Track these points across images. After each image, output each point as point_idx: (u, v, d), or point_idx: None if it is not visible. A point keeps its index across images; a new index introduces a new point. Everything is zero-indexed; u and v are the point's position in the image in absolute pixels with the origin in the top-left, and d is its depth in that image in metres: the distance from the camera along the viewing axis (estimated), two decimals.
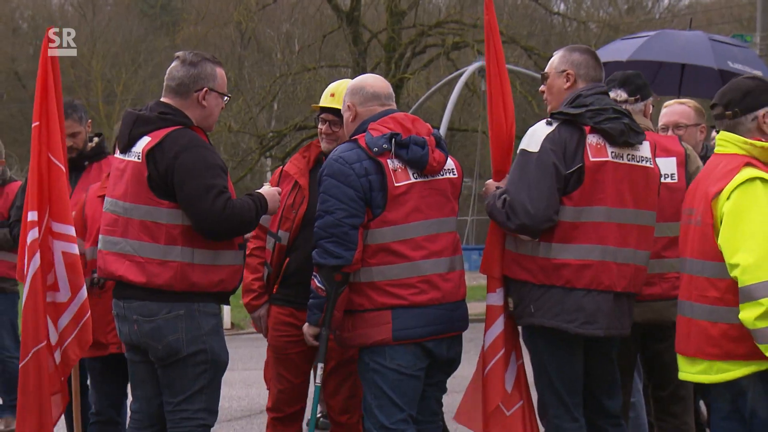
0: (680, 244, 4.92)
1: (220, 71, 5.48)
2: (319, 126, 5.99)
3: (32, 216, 6.00)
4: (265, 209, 5.41)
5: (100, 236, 5.43)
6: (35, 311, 5.95)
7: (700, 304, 4.63)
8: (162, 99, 5.40)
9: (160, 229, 5.14)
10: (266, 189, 5.56)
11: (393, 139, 5.14)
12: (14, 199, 7.71)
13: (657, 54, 10.36)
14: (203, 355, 5.25)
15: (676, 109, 6.06)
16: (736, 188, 4.51)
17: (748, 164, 4.59)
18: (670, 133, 6.02)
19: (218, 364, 5.38)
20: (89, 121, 7.22)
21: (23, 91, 36.88)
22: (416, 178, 5.21)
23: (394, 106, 5.49)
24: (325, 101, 5.98)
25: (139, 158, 5.16)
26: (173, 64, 5.46)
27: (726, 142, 4.75)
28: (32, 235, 5.95)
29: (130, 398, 5.82)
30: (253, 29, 33.33)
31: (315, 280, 5.18)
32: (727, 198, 4.51)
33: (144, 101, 33.75)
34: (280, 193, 5.66)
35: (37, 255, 5.92)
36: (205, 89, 5.35)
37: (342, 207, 5.06)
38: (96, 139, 7.20)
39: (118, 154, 5.42)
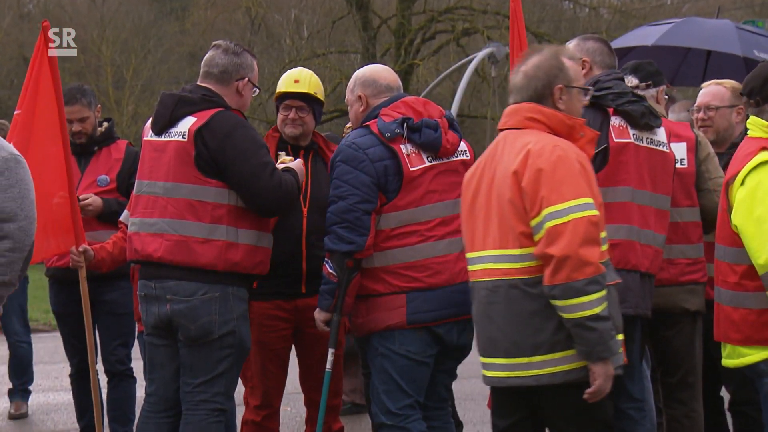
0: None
1: (255, 64, 5.57)
2: (283, 113, 5.94)
3: None
4: (300, 183, 5.46)
5: (137, 219, 5.40)
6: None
7: (724, 290, 4.65)
8: (201, 82, 5.44)
9: (205, 208, 5.20)
10: (296, 163, 5.57)
11: (405, 124, 5.14)
12: None
13: (683, 40, 10.36)
14: (231, 338, 5.29)
15: (710, 90, 5.99)
16: (749, 173, 4.53)
17: (764, 148, 4.58)
18: (701, 114, 5.95)
19: (243, 349, 5.42)
20: (98, 106, 7.18)
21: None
22: (431, 162, 5.23)
23: (403, 91, 5.53)
24: (291, 87, 5.95)
25: (184, 137, 5.21)
26: (213, 52, 5.53)
27: (753, 126, 4.74)
28: None
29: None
30: (263, 15, 33.44)
31: (327, 266, 5.18)
32: (741, 183, 4.55)
33: (154, 87, 34.26)
34: (307, 165, 5.70)
35: None
36: (246, 79, 5.48)
37: (355, 192, 5.05)
38: (105, 124, 7.13)
39: (151, 136, 5.41)
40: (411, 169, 5.14)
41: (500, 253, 4.37)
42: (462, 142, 5.37)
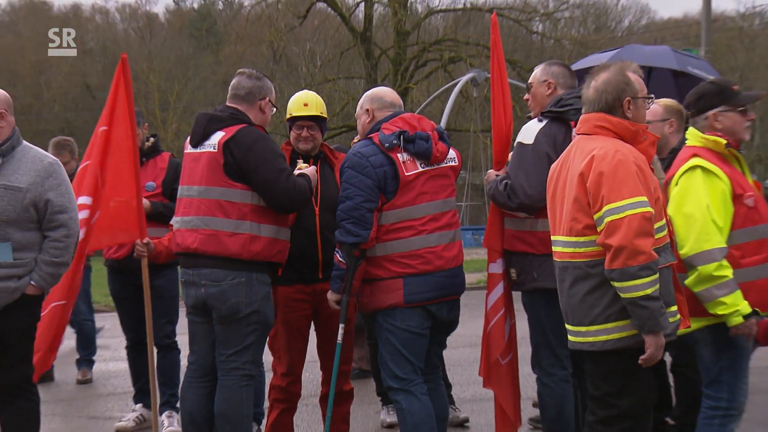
0: None
1: (272, 89, 5.66)
2: (296, 131, 5.91)
3: (85, 200, 6.24)
4: (312, 186, 5.51)
5: (178, 218, 5.48)
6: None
7: (679, 273, 4.61)
8: (229, 103, 5.49)
9: (232, 207, 5.25)
10: (310, 169, 5.62)
11: (401, 136, 5.16)
12: None
13: (627, 59, 10.45)
14: (256, 316, 5.31)
15: (653, 108, 5.97)
16: (682, 175, 4.71)
17: (695, 155, 4.73)
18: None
19: (267, 324, 5.46)
20: (146, 124, 7.22)
21: (93, 102, 36.89)
22: (423, 167, 5.21)
23: (402, 109, 5.53)
24: (301, 111, 5.92)
25: (215, 149, 5.27)
26: (239, 78, 5.61)
27: (690, 136, 4.91)
28: (83, 215, 6.08)
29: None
30: (283, 47, 33.37)
31: (337, 255, 5.20)
32: (676, 183, 4.75)
33: (193, 108, 34.16)
34: (317, 172, 5.73)
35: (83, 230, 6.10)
36: (267, 98, 5.55)
37: (360, 193, 5.07)
38: (152, 139, 7.14)
39: (189, 149, 5.47)
40: (406, 174, 5.15)
41: (567, 239, 4.42)
42: (451, 151, 5.37)
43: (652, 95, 4.75)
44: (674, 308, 4.41)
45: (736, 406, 4.62)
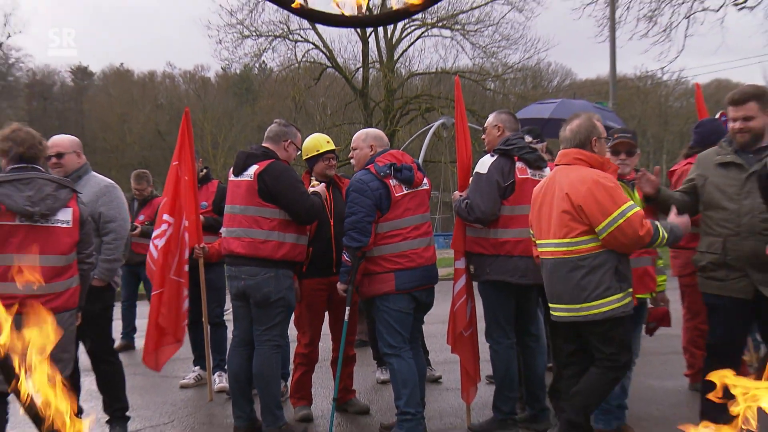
0: None
1: (298, 134, 5.67)
2: (324, 162, 5.96)
3: (167, 218, 6.44)
4: (322, 199, 5.55)
5: (225, 228, 5.54)
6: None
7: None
8: (263, 144, 5.53)
9: (264, 221, 5.27)
10: (320, 187, 5.67)
11: (392, 167, 5.21)
12: (157, 209, 7.59)
13: (562, 113, 10.57)
14: (282, 302, 5.33)
15: None
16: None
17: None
18: None
19: (290, 307, 5.48)
20: (201, 159, 7.27)
21: (163, 143, 36.87)
22: (407, 190, 5.26)
23: (390, 146, 5.59)
24: (327, 147, 5.98)
25: (251, 178, 5.28)
26: (272, 125, 5.67)
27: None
28: (167, 230, 6.35)
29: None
30: (302, 101, 33.35)
31: (345, 255, 5.25)
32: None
33: (236, 147, 34.15)
34: (329, 193, 5.83)
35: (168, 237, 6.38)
36: (289, 141, 5.56)
37: (362, 210, 5.11)
38: (205, 170, 7.20)
39: (232, 177, 5.48)
40: (396, 195, 5.20)
41: (560, 241, 4.43)
42: (425, 179, 5.40)
43: (611, 138, 4.80)
44: (630, 290, 4.47)
45: (629, 362, 4.62)
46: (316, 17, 1.90)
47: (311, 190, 5.54)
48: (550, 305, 4.59)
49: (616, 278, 4.35)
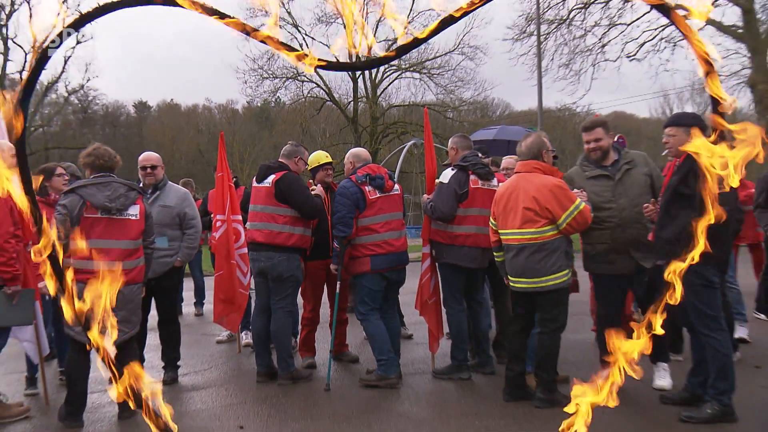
0: None
1: (306, 152, 5.61)
2: (323, 172, 5.92)
3: (220, 217, 6.34)
4: (321, 200, 5.56)
5: (249, 223, 5.45)
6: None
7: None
8: (279, 159, 5.48)
9: (279, 217, 5.22)
10: (319, 189, 5.67)
11: (368, 176, 5.24)
12: (200, 207, 7.55)
13: (503, 136, 10.74)
14: (292, 279, 5.30)
15: (508, 159, 5.93)
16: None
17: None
18: (505, 171, 5.85)
19: (298, 282, 5.44)
20: (231, 171, 7.13)
21: (203, 159, 36.53)
22: (380, 194, 5.26)
23: (371, 161, 5.53)
24: (326, 159, 5.96)
25: (270, 184, 5.25)
26: (287, 146, 5.59)
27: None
28: (220, 226, 6.32)
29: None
30: (307, 126, 33.29)
31: (335, 242, 5.32)
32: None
33: (258, 162, 33.97)
34: (327, 196, 5.79)
35: (222, 231, 6.28)
36: (299, 157, 5.49)
37: (344, 208, 5.16)
38: (235, 179, 7.11)
39: (255, 184, 5.42)
40: (370, 198, 5.20)
41: (524, 230, 4.42)
42: (396, 185, 5.40)
43: (554, 150, 4.77)
44: (572, 267, 4.57)
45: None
46: (318, 64, 1.88)
47: (313, 192, 5.50)
48: (512, 278, 4.56)
49: (565, 258, 4.45)
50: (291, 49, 1.78)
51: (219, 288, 6.17)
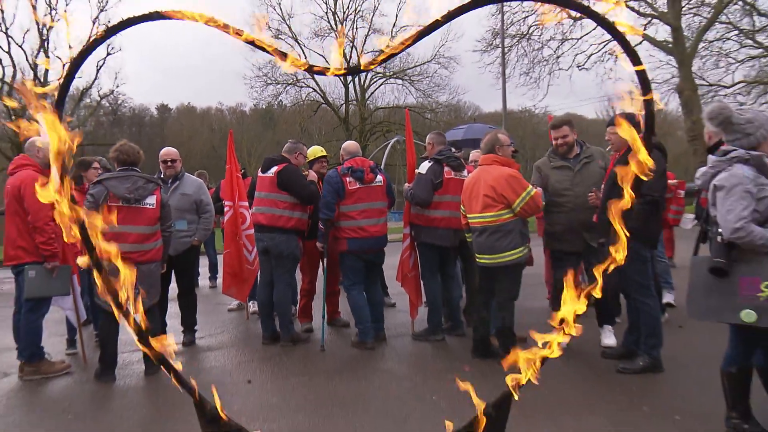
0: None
1: (305, 148, 5.53)
2: (318, 164, 5.89)
3: (228, 203, 6.19)
4: (316, 188, 5.42)
5: (254, 207, 5.37)
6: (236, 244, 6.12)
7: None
8: (282, 153, 5.39)
9: (281, 203, 5.16)
10: (312, 176, 5.51)
11: (350, 169, 5.14)
12: (212, 195, 7.48)
13: (471, 134, 10.67)
14: (292, 256, 5.24)
15: (476, 154, 5.91)
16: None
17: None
18: (472, 163, 5.83)
19: (297, 259, 5.38)
20: (239, 164, 7.03)
21: (216, 154, 36.03)
22: (360, 185, 5.14)
23: (360, 154, 5.39)
24: (322, 153, 5.95)
25: (272, 174, 5.19)
26: (288, 143, 5.48)
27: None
28: (228, 211, 6.17)
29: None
30: (305, 125, 33.04)
31: (320, 224, 5.20)
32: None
33: (263, 156, 33.68)
34: (320, 184, 5.64)
35: (230, 215, 6.13)
36: (298, 152, 5.41)
37: (328, 195, 5.08)
38: (243, 171, 6.95)
39: (260, 174, 5.35)
40: (350, 188, 5.10)
41: (485, 214, 4.42)
42: (379, 176, 5.26)
43: (513, 143, 4.76)
44: (528, 245, 4.57)
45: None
46: (309, 71, 1.90)
47: (307, 177, 5.42)
48: (477, 255, 4.56)
49: (520, 237, 4.43)
50: (281, 53, 1.78)
51: (227, 264, 6.13)
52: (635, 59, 1.57)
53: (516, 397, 1.85)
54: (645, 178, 1.61)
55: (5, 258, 4.61)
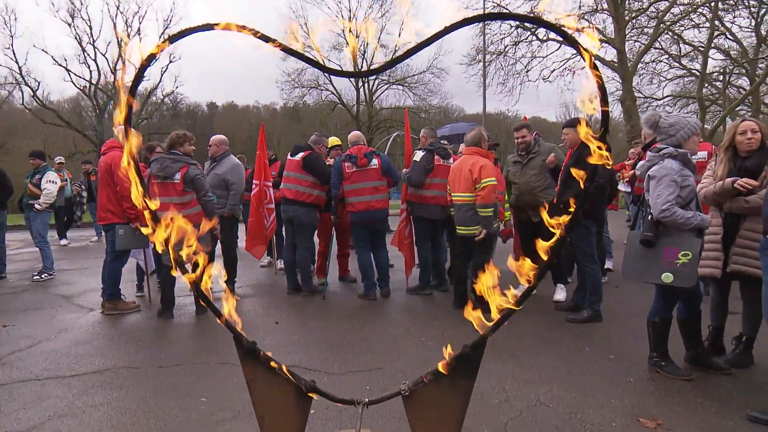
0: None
1: (326, 140, 5.52)
2: (334, 152, 5.86)
3: (255, 181, 6.06)
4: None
5: (283, 184, 5.22)
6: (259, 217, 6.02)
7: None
8: (308, 142, 5.30)
9: (305, 182, 5.08)
10: (330, 161, 5.47)
11: (348, 155, 5.03)
12: (248, 175, 7.42)
13: (455, 131, 10.54)
14: (311, 225, 5.19)
15: (462, 146, 5.86)
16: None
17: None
18: (459, 154, 5.76)
19: (314, 227, 5.30)
20: (272, 150, 6.99)
21: (252, 143, 35.44)
22: (355, 169, 5.01)
23: (360, 143, 5.23)
24: (336, 143, 5.94)
25: (299, 158, 5.10)
26: (313, 135, 5.38)
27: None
28: (255, 188, 6.02)
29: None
30: (325, 121, 32.68)
31: (332, 201, 5.12)
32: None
33: (291, 144, 33.31)
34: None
35: (256, 191, 5.98)
36: (321, 144, 5.35)
37: (334, 177, 5.02)
38: (274, 156, 6.95)
39: (289, 157, 5.25)
40: (346, 171, 5.01)
41: (465, 194, 4.36)
42: (374, 159, 4.97)
43: (492, 138, 4.71)
44: (498, 219, 4.52)
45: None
46: (329, 71, 1.89)
47: (327, 162, 5.35)
48: (457, 227, 4.54)
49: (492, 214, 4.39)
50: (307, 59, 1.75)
51: (250, 229, 6.09)
52: (598, 76, 1.56)
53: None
54: (602, 163, 1.60)
55: (98, 219, 4.81)
